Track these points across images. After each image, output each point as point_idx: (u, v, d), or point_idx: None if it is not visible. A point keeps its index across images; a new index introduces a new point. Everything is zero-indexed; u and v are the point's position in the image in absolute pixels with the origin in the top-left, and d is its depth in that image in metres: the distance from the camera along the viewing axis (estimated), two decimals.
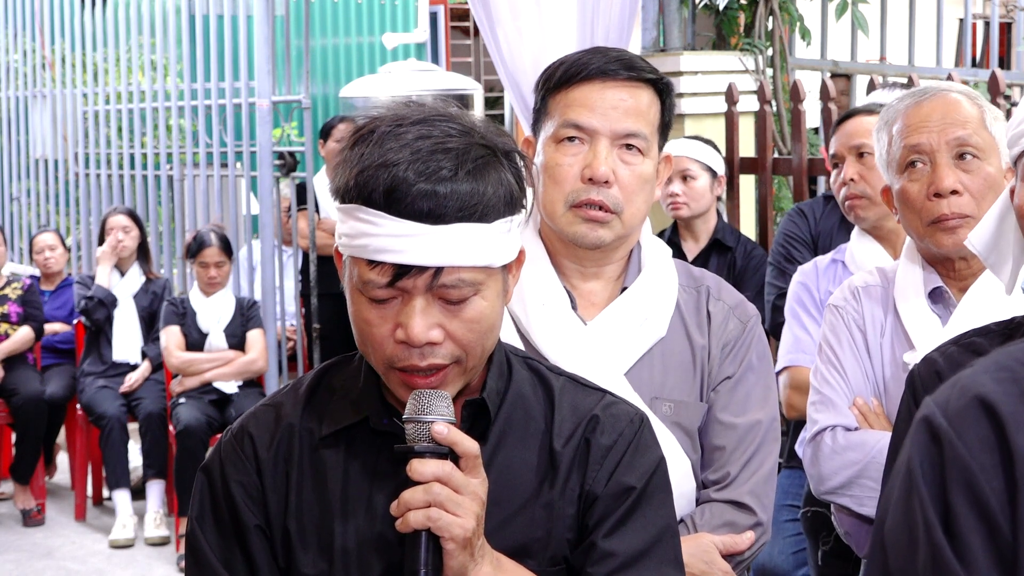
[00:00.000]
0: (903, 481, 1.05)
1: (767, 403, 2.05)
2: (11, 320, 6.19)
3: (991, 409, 1.01)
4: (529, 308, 2.02)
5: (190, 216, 6.84)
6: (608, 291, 2.06)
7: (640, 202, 2.01)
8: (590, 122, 1.98)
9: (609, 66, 1.99)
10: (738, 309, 2.08)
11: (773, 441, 2.05)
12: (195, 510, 1.57)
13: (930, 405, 1.06)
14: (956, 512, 1.00)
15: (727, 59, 5.24)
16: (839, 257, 3.02)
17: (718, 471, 2.01)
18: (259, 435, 1.56)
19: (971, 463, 1.00)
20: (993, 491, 0.99)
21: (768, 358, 2.11)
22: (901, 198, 2.23)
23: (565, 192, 1.99)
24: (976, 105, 2.22)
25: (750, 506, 1.99)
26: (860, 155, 3.09)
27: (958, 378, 1.07)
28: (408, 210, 1.40)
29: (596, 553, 1.51)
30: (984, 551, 0.99)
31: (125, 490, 5.82)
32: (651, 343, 2.02)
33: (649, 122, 2.00)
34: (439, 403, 1.43)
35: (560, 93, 2.01)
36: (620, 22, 4.16)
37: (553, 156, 2.00)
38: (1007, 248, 1.69)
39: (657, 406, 1.99)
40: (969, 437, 1.01)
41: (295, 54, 7.44)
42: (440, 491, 1.38)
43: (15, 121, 8.19)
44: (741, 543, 1.98)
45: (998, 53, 7.16)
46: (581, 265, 2.06)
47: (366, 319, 1.46)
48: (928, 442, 1.04)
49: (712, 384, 2.03)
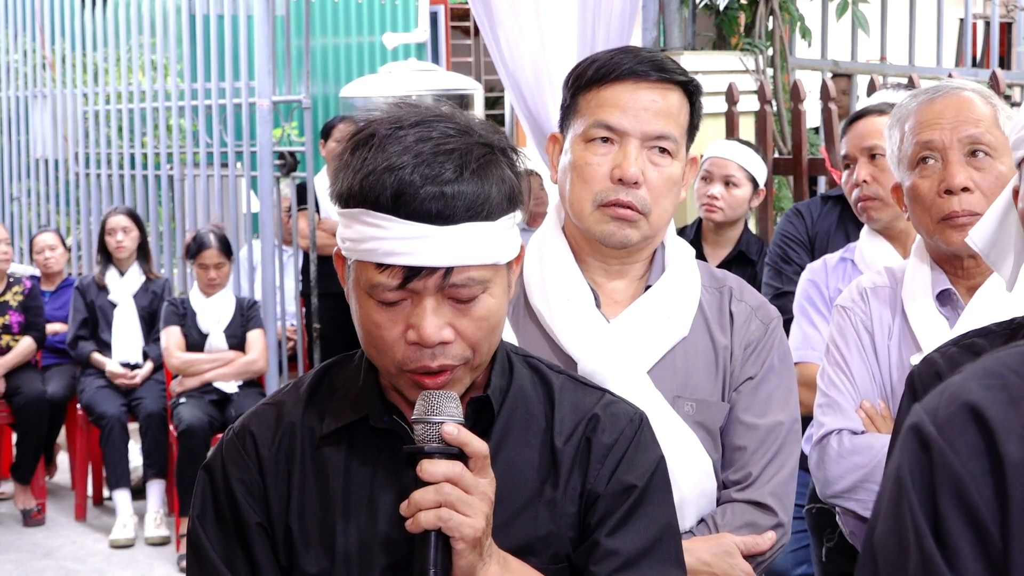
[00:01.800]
0: (892, 489, 1.05)
1: (788, 404, 2.06)
2: (12, 331, 6.19)
3: (980, 416, 1.01)
4: (553, 304, 2.03)
5: (190, 216, 6.85)
6: (632, 289, 2.07)
7: (667, 204, 2.01)
8: (621, 123, 1.98)
9: (640, 67, 1.99)
10: (760, 310, 2.08)
11: (794, 442, 2.05)
12: (197, 508, 1.57)
13: (919, 412, 1.06)
14: (946, 520, 1.00)
15: (727, 59, 5.25)
16: (848, 256, 3.01)
17: (739, 471, 2.01)
18: (261, 434, 1.57)
19: (961, 471, 1.00)
20: (983, 499, 0.99)
21: (790, 360, 2.11)
22: (912, 195, 2.22)
23: (594, 192, 1.99)
24: (989, 104, 2.21)
25: (771, 507, 1.99)
26: (872, 156, 3.06)
27: (947, 385, 1.07)
28: (417, 212, 1.40)
29: (599, 552, 1.51)
30: (974, 559, 0.99)
31: (125, 490, 5.83)
32: (674, 342, 2.02)
33: (679, 124, 2.01)
34: (448, 404, 1.43)
35: (591, 92, 2.01)
36: (620, 22, 4.17)
37: (582, 155, 2.00)
38: (1008, 245, 1.69)
39: (679, 405, 1.99)
40: (959, 445, 1.01)
41: (295, 54, 7.44)
42: (451, 491, 1.38)
43: (15, 121, 8.19)
44: (762, 544, 1.98)
45: (998, 53, 7.16)
46: (605, 263, 2.06)
47: (376, 322, 1.46)
48: (918, 450, 1.03)
49: (734, 384, 2.03)
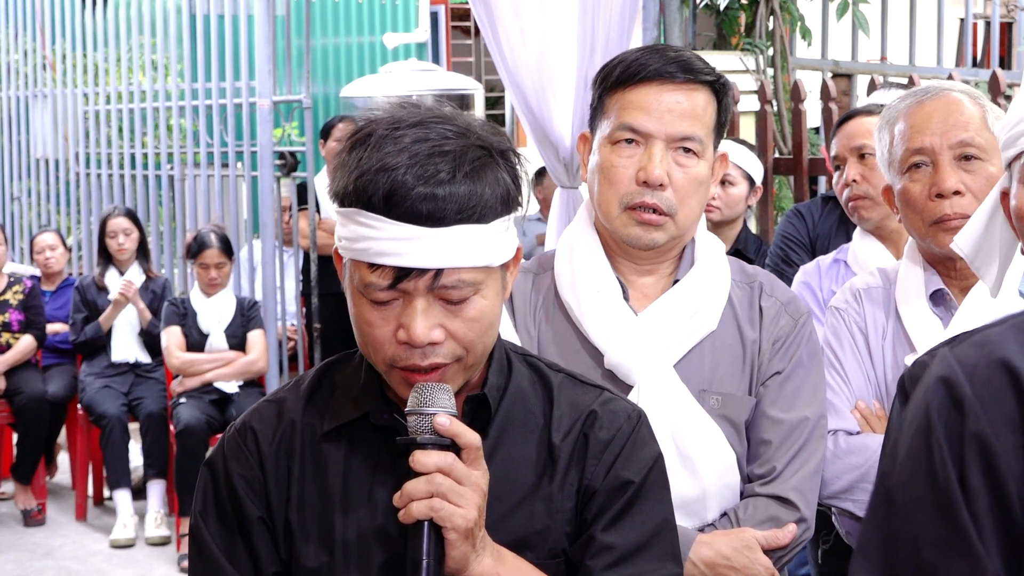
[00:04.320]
0: (920, 437, 1.02)
1: (815, 400, 2.06)
2: (13, 329, 6.19)
3: (1018, 382, 0.98)
4: (581, 297, 2.04)
5: (191, 216, 6.85)
6: (661, 284, 2.08)
7: (694, 203, 2.02)
8: (645, 125, 1.98)
9: (667, 68, 1.99)
10: (790, 306, 2.09)
11: (820, 438, 2.06)
12: (198, 504, 1.58)
13: (952, 364, 1.02)
14: (971, 488, 0.99)
15: (728, 59, 5.25)
16: (841, 257, 3.02)
17: (764, 465, 2.02)
18: (262, 430, 1.58)
19: (993, 443, 0.98)
20: (1012, 474, 0.98)
21: (819, 356, 2.12)
22: (903, 198, 2.23)
23: (620, 194, 2.00)
24: (978, 105, 2.21)
25: (794, 502, 2.00)
26: (861, 156, 3.09)
27: (985, 338, 1.03)
28: (408, 213, 1.41)
29: (595, 546, 1.52)
30: (993, 534, 0.98)
31: (126, 490, 5.83)
32: (701, 336, 2.03)
33: (704, 124, 2.01)
34: (441, 395, 1.44)
35: (617, 93, 2.02)
36: (621, 22, 4.16)
37: (608, 157, 2.01)
38: (993, 250, 1.69)
39: (705, 399, 2.00)
40: (994, 413, 0.99)
41: (296, 54, 7.44)
42: (442, 482, 1.39)
43: (16, 121, 8.20)
44: (783, 538, 1.98)
45: (999, 53, 7.16)
46: (634, 263, 2.07)
47: (368, 320, 1.47)
48: (949, 406, 1.01)
49: (762, 379, 2.04)
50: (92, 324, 6.13)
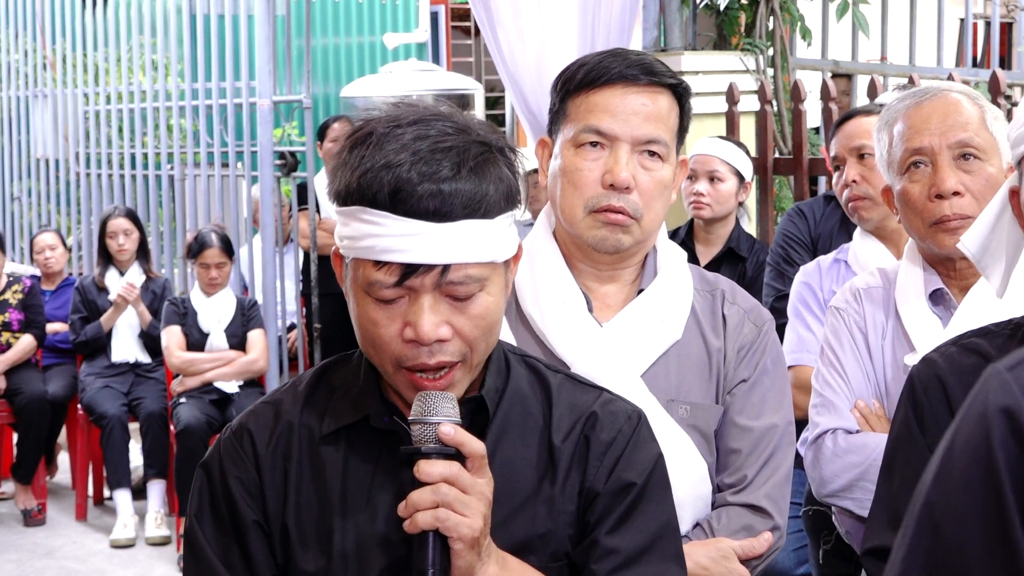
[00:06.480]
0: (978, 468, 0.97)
1: (782, 407, 2.05)
2: (12, 328, 6.19)
3: None
4: (545, 309, 2.02)
5: (191, 216, 6.85)
6: (624, 294, 2.06)
7: (659, 208, 2.00)
8: (611, 128, 1.96)
9: (630, 71, 1.97)
10: (753, 313, 2.08)
11: (788, 445, 2.05)
12: (194, 507, 1.57)
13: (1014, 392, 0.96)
14: None
15: (728, 59, 5.25)
16: (842, 257, 3.02)
17: (734, 474, 2.01)
18: (258, 432, 1.56)
19: None
20: None
21: (783, 362, 2.11)
22: (902, 199, 2.23)
23: (585, 197, 1.98)
24: (977, 105, 2.21)
25: (767, 510, 1.99)
26: (861, 156, 3.09)
27: None
28: (414, 209, 1.40)
29: (599, 550, 1.51)
30: None
31: (126, 490, 5.83)
32: (667, 346, 2.01)
33: (668, 127, 1.99)
34: (445, 404, 1.43)
35: (580, 96, 2.00)
36: (621, 22, 4.17)
37: (572, 160, 1.99)
38: (1000, 250, 1.69)
39: (674, 408, 1.99)
40: None
41: (296, 54, 7.44)
42: (448, 492, 1.38)
43: (16, 121, 8.19)
44: (758, 547, 1.97)
45: (999, 53, 7.16)
46: (596, 269, 2.05)
47: (373, 320, 1.46)
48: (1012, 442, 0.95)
49: (728, 387, 2.03)
50: (92, 325, 6.13)
